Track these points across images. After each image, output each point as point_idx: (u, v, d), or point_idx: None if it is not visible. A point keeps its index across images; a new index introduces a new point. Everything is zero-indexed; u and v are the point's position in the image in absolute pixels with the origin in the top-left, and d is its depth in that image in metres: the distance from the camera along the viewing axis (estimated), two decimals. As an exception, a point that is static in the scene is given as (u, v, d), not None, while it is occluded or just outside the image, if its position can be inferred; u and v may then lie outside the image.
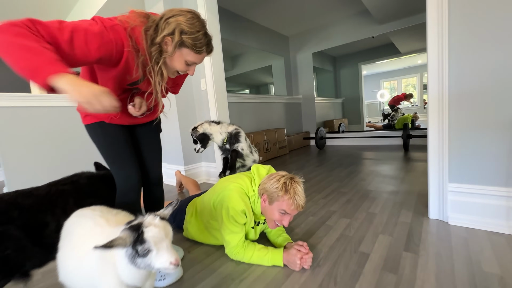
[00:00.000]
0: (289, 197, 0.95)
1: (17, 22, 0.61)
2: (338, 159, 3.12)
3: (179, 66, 0.84)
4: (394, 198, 1.64)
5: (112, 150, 0.96)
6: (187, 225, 1.29)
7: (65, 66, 0.62)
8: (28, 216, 0.74)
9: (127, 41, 0.75)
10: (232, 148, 1.35)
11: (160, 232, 0.57)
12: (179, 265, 0.58)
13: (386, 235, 1.19)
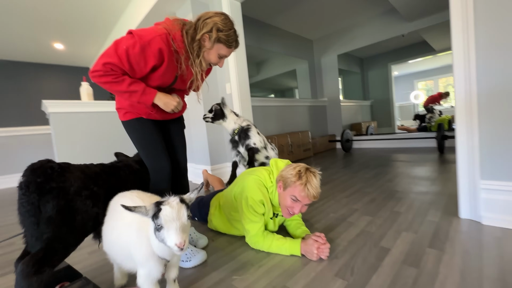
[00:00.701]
0: (301, 183, 1.00)
1: (99, 70, 0.89)
2: (365, 161, 3.02)
3: (213, 59, 1.01)
4: (423, 198, 1.57)
5: (148, 144, 1.09)
6: (211, 217, 1.39)
7: (152, 91, 0.98)
8: (110, 181, 0.93)
9: (165, 47, 0.93)
10: (246, 146, 1.42)
11: (173, 212, 0.62)
12: (184, 249, 0.60)
13: (410, 232, 1.15)
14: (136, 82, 0.95)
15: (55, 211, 0.74)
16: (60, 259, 0.78)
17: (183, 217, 0.63)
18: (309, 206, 1.63)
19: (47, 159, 0.80)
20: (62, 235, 0.76)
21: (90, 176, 0.87)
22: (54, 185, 0.75)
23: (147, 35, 0.90)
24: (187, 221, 0.64)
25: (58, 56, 4.54)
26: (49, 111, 2.19)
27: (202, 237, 1.24)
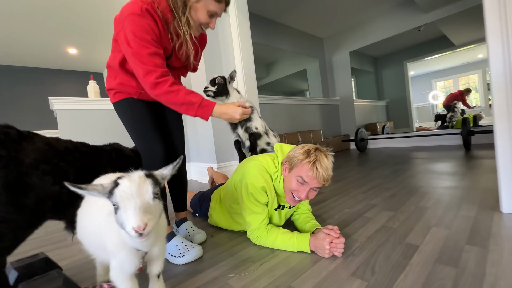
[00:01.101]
0: (309, 161, 0.85)
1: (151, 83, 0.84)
2: (382, 159, 2.81)
3: (203, 17, 0.89)
4: (452, 193, 1.37)
5: (138, 124, 0.99)
6: (211, 211, 1.26)
7: (209, 103, 0.91)
8: (85, 160, 0.82)
9: (152, 10, 0.84)
10: (246, 128, 1.28)
11: (132, 188, 0.48)
12: (147, 233, 0.46)
13: (442, 227, 0.97)
14: (193, 93, 0.88)
15: (1, 184, 0.62)
16: (9, 247, 0.66)
17: (146, 194, 0.49)
18: (321, 202, 1.47)
19: (5, 124, 0.69)
20: (8, 215, 0.64)
21: (57, 150, 0.76)
22: (3, 153, 0.64)
23: (131, 7, 0.83)
24: (152, 199, 0.49)
25: (72, 61, 4.67)
26: (55, 108, 2.18)
27: (199, 232, 1.11)
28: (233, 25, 2.35)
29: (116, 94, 0.99)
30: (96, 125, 2.40)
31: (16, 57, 4.23)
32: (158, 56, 0.85)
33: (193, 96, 0.88)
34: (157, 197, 0.51)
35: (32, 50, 4.08)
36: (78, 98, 2.29)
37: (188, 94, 0.88)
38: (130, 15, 0.82)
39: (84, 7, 3.07)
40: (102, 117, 2.43)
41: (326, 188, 1.78)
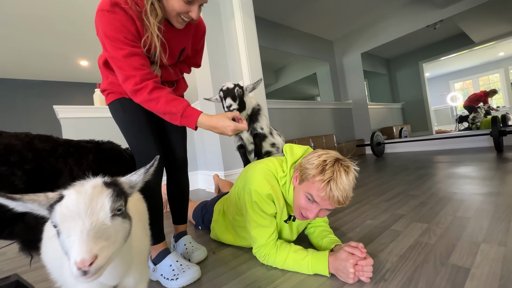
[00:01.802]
0: (322, 180, 0.69)
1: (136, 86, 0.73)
2: (402, 164, 2.59)
3: (177, 5, 0.72)
4: (495, 200, 1.17)
5: (133, 127, 0.88)
6: (214, 224, 1.12)
7: (193, 112, 0.75)
8: (41, 159, 0.67)
9: (126, 4, 0.71)
10: (252, 131, 1.14)
11: (79, 203, 0.35)
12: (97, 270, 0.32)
13: (494, 244, 0.78)
14: (175, 101, 0.74)
15: None
16: None
17: (100, 211, 0.35)
18: (338, 212, 1.30)
19: None
20: None
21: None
22: None
23: (100, 2, 0.72)
24: (109, 219, 0.35)
25: (84, 73, 4.78)
26: (60, 116, 2.15)
27: (199, 248, 0.97)
28: (239, 29, 2.27)
29: (109, 94, 0.90)
30: (102, 133, 2.34)
31: (31, 71, 4.37)
32: (135, 56, 0.73)
33: (174, 104, 0.74)
34: (119, 214, 0.37)
35: (46, 64, 4.20)
36: (82, 106, 2.26)
37: (169, 102, 0.74)
38: (99, 11, 0.71)
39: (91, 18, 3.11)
40: (107, 125, 2.39)
41: (343, 196, 1.60)
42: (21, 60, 3.93)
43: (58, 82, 4.94)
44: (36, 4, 2.70)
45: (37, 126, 4.58)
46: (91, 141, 0.90)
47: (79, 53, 4.01)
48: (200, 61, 1.04)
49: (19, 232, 0.66)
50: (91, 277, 0.31)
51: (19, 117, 4.48)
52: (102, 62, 0.83)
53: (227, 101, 1.02)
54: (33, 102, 4.64)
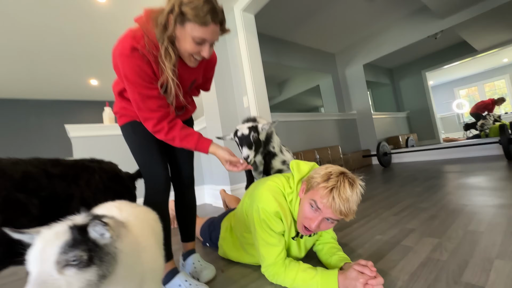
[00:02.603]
0: (325, 186, 0.71)
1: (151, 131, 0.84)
2: (410, 174, 2.55)
3: (189, 47, 0.76)
4: (508, 212, 1.14)
5: (142, 149, 0.93)
6: (221, 242, 1.13)
7: (202, 148, 0.86)
8: (55, 185, 0.69)
9: (139, 46, 0.75)
10: (263, 151, 1.15)
11: (35, 249, 0.35)
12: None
13: (509, 260, 0.76)
14: (187, 137, 0.85)
15: None
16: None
17: (46, 261, 0.34)
18: (346, 227, 1.29)
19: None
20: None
21: (10, 176, 0.61)
22: None
23: (120, 47, 0.76)
24: (55, 270, 0.34)
25: (93, 92, 4.94)
26: (71, 135, 2.21)
27: (208, 267, 0.97)
28: (242, 46, 2.34)
29: (121, 117, 0.94)
30: (111, 151, 2.40)
31: (44, 91, 4.55)
32: (152, 99, 0.79)
33: (188, 141, 0.85)
34: (76, 264, 0.35)
35: (57, 84, 4.37)
36: (93, 124, 2.33)
37: (183, 139, 0.84)
38: (119, 56, 0.76)
39: (104, 39, 3.26)
40: (117, 143, 2.45)
41: (350, 210, 1.58)
42: (34, 80, 4.10)
43: (68, 101, 5.12)
44: (47, 29, 2.86)
45: (49, 145, 4.70)
46: (92, 160, 0.92)
47: (89, 73, 4.18)
48: (210, 86, 1.08)
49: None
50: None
51: (32, 136, 4.62)
52: (118, 92, 0.88)
53: (244, 151, 0.99)
54: (45, 121, 4.80)
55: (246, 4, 2.26)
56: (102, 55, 3.64)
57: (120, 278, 0.42)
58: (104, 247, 0.38)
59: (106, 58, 3.75)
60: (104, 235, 0.38)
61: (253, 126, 1.03)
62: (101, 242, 0.38)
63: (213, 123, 2.47)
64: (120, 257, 0.41)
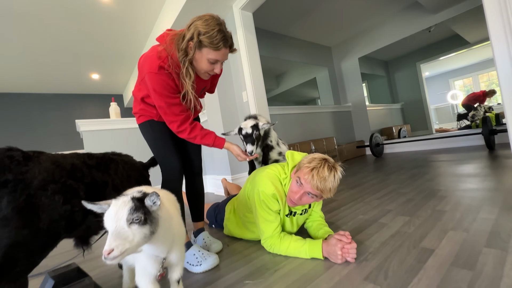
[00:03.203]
0: (308, 166, 0.90)
1: (179, 129, 1.02)
2: (399, 164, 2.74)
3: (205, 66, 0.95)
4: (473, 195, 1.33)
5: (158, 143, 1.09)
6: (226, 222, 1.31)
7: (218, 145, 1.07)
8: (93, 174, 0.84)
9: (164, 65, 0.92)
10: (262, 144, 1.32)
11: (111, 212, 0.51)
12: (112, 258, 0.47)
13: (459, 231, 0.95)
14: (206, 136, 1.04)
15: (10, 209, 0.61)
16: (24, 271, 0.65)
17: (120, 219, 0.50)
18: (334, 209, 1.47)
19: (8, 147, 0.68)
20: (23, 239, 0.63)
21: (64, 167, 0.75)
22: (10, 178, 0.62)
23: (148, 65, 0.92)
24: (126, 224, 0.50)
25: (95, 86, 5.04)
26: (81, 129, 2.36)
27: (216, 241, 1.16)
28: (241, 44, 2.47)
29: (140, 117, 1.10)
30: (118, 144, 2.56)
31: (47, 85, 4.64)
32: (176, 106, 0.98)
33: (207, 138, 1.04)
34: (137, 222, 0.52)
35: (60, 78, 4.46)
36: (101, 119, 2.47)
37: (203, 137, 1.04)
38: (148, 73, 0.92)
39: (104, 36, 3.35)
40: (123, 136, 2.60)
41: (340, 196, 1.77)
42: (36, 74, 4.19)
43: (71, 94, 5.21)
44: (50, 26, 2.95)
45: (53, 138, 4.83)
46: (114, 153, 1.06)
47: (90, 67, 4.26)
48: (214, 89, 1.26)
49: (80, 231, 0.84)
50: (109, 261, 0.48)
51: (37, 130, 4.74)
52: (140, 97, 1.04)
53: (248, 147, 1.15)
54: (49, 115, 4.91)
55: (245, 3, 2.37)
56: (103, 51, 3.74)
57: (160, 236, 0.59)
58: (152, 212, 0.55)
59: (106, 54, 3.84)
60: (156, 203, 0.55)
61: (255, 125, 1.19)
62: (151, 209, 0.55)
63: (214, 117, 2.62)
64: (161, 221, 0.59)
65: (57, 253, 1.42)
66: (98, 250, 1.36)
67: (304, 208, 1.08)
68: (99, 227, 0.87)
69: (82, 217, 0.78)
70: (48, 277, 0.83)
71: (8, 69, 3.84)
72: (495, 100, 6.04)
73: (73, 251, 1.41)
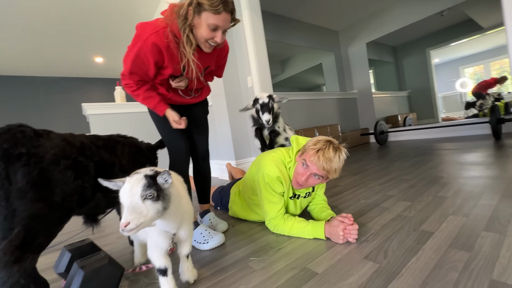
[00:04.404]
0: (313, 148, 0.92)
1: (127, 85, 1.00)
2: (402, 151, 2.74)
3: (205, 33, 0.89)
4: (475, 182, 1.34)
5: (165, 126, 1.10)
6: (231, 204, 1.35)
7: (163, 105, 1.02)
8: (101, 153, 0.87)
9: (161, 42, 0.89)
10: (271, 129, 1.34)
11: (126, 188, 0.54)
12: (129, 230, 0.51)
13: (459, 216, 0.97)
14: (150, 98, 1.01)
15: (25, 182, 0.63)
16: (44, 243, 0.68)
17: (135, 195, 0.53)
18: (337, 194, 1.50)
19: (19, 123, 0.69)
20: (40, 212, 0.65)
21: (74, 144, 0.77)
22: (23, 151, 0.64)
23: (143, 34, 0.89)
24: (140, 200, 0.54)
25: (99, 69, 5.02)
26: (88, 113, 2.39)
27: (221, 222, 1.20)
28: (246, 25, 2.41)
29: None
30: (124, 128, 2.59)
31: (51, 68, 4.63)
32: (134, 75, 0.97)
33: (148, 101, 1.02)
34: (150, 198, 0.55)
35: (64, 61, 4.45)
36: (107, 103, 2.49)
37: (145, 99, 1.02)
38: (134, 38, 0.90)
39: (107, 19, 3.29)
40: (128, 120, 2.63)
41: (343, 181, 1.80)
42: (41, 58, 4.18)
43: (76, 78, 5.21)
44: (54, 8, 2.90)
45: (60, 121, 4.89)
46: (120, 136, 1.08)
47: (94, 51, 4.23)
48: (222, 73, 1.23)
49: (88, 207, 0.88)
50: (125, 233, 0.52)
51: (43, 113, 4.79)
52: None
53: (265, 116, 1.18)
54: (54, 98, 4.93)
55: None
56: (106, 33, 3.68)
57: (172, 212, 0.63)
58: (164, 190, 0.58)
59: (110, 37, 3.79)
60: (167, 181, 0.57)
61: (270, 95, 1.25)
62: (163, 186, 0.58)
63: (219, 102, 2.62)
64: (172, 198, 0.61)
65: (66, 231, 1.49)
66: (108, 229, 1.43)
67: (308, 191, 1.10)
68: (107, 205, 0.90)
69: (91, 194, 0.82)
70: (65, 250, 0.89)
71: (14, 52, 3.83)
72: (506, 88, 5.87)
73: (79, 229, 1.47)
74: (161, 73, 0.99)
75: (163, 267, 0.68)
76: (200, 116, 1.22)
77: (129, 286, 0.82)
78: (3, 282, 0.60)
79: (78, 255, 0.86)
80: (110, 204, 0.95)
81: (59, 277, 0.91)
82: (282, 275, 0.75)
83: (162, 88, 1.06)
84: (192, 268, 0.78)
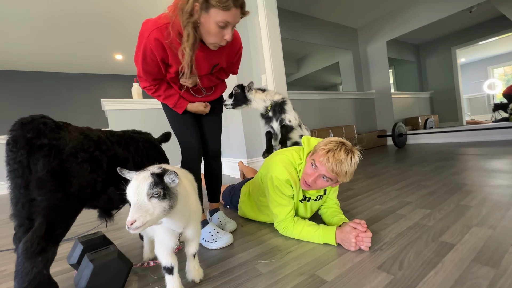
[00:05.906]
0: (323, 149, 0.88)
1: (145, 87, 1.03)
2: (422, 155, 2.61)
3: (213, 31, 0.84)
4: (503, 191, 1.24)
5: (178, 123, 1.10)
6: (241, 204, 1.33)
7: (183, 102, 1.07)
8: (115, 149, 0.88)
9: (162, 38, 0.86)
10: (280, 120, 1.31)
11: (132, 186, 0.54)
12: (135, 229, 0.51)
13: (484, 227, 0.90)
14: (170, 97, 1.05)
15: (45, 171, 0.64)
16: (61, 233, 0.69)
17: (141, 193, 0.53)
18: (351, 198, 1.45)
19: (41, 114, 0.71)
20: (59, 202, 0.67)
21: (91, 138, 0.79)
22: (45, 142, 0.66)
23: (146, 31, 0.87)
24: (147, 198, 0.53)
25: (118, 66, 5.18)
26: (106, 108, 2.47)
27: (230, 221, 1.19)
28: (262, 22, 2.38)
29: None
30: (140, 123, 2.66)
31: (74, 65, 4.84)
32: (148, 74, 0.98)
33: (169, 100, 1.05)
34: (157, 196, 0.54)
35: (86, 58, 4.63)
36: (124, 99, 2.56)
37: (166, 98, 1.05)
38: (140, 35, 0.89)
39: (127, 17, 3.38)
40: (144, 116, 2.69)
41: (357, 185, 1.74)
42: (65, 56, 4.37)
43: (96, 74, 5.42)
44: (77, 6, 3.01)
45: (80, 116, 5.11)
46: (134, 131, 1.08)
47: (114, 48, 4.36)
48: (237, 70, 1.19)
49: (102, 202, 0.89)
50: (131, 231, 0.51)
51: (64, 108, 5.03)
52: None
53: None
54: (75, 93, 5.16)
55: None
56: (126, 31, 3.79)
57: (178, 211, 0.62)
58: (171, 188, 0.57)
59: (130, 34, 3.90)
60: (174, 181, 0.57)
61: (241, 84, 1.48)
62: (170, 185, 0.57)
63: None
64: (179, 197, 0.61)
65: (79, 223, 1.54)
66: (121, 222, 1.46)
67: (319, 194, 1.07)
68: (120, 200, 0.92)
69: (102, 188, 0.83)
70: (77, 242, 0.91)
71: (38, 49, 4.04)
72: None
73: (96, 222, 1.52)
74: (168, 71, 0.99)
75: (169, 265, 0.68)
76: (213, 115, 1.21)
77: (137, 281, 0.82)
78: (27, 272, 0.61)
79: (90, 248, 0.88)
80: (123, 199, 0.96)
81: (71, 268, 0.94)
82: (289, 281, 0.72)
83: (175, 86, 1.06)
84: (198, 268, 0.77)
